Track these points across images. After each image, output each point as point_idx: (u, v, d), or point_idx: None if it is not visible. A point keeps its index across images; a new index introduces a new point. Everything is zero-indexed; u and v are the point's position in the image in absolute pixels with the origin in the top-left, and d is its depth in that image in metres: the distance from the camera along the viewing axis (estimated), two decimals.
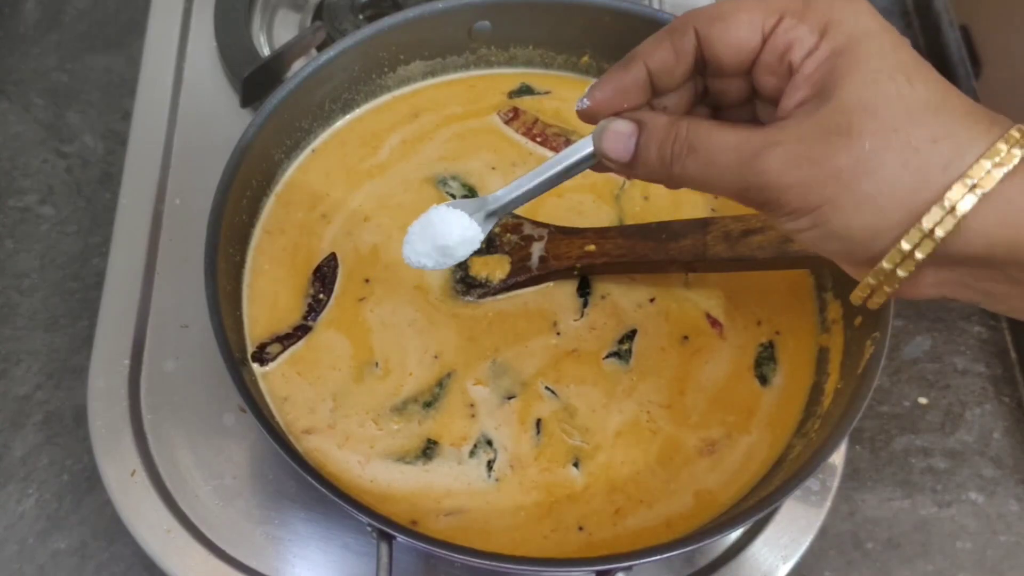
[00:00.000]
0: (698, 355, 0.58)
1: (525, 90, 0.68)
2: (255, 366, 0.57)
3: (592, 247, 0.59)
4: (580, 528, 0.53)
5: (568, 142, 0.65)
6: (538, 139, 0.66)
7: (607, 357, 0.58)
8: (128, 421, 0.61)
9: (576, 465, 0.55)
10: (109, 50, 0.82)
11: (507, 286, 0.59)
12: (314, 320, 0.58)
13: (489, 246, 0.60)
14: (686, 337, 0.59)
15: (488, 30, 0.66)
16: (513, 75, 0.69)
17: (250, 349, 0.57)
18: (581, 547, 0.52)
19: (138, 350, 0.63)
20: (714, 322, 0.59)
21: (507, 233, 0.61)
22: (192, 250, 0.55)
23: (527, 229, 0.61)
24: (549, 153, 0.65)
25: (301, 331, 0.58)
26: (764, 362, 0.58)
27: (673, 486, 0.54)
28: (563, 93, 0.68)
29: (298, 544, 0.58)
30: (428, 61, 0.67)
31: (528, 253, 0.60)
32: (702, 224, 0.56)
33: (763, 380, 0.58)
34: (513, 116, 0.67)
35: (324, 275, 0.60)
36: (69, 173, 0.76)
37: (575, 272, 0.59)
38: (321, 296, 0.59)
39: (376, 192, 0.64)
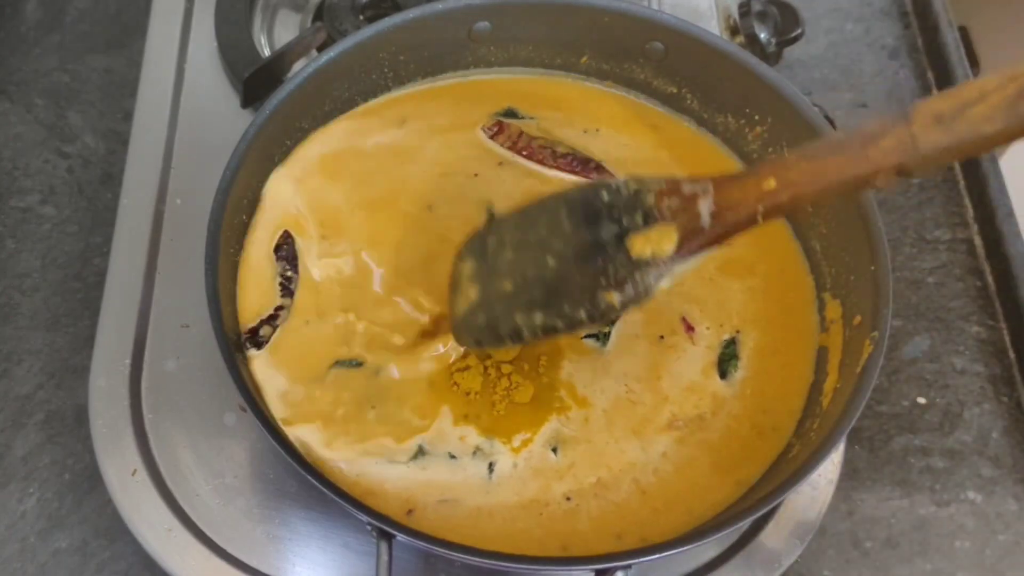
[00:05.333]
0: (671, 351, 0.60)
1: (510, 113, 0.68)
2: (253, 352, 0.57)
3: (772, 182, 0.47)
4: (568, 499, 0.55)
5: (555, 153, 0.65)
6: (524, 152, 0.66)
7: (585, 337, 0.59)
8: (129, 420, 0.61)
9: (555, 451, 0.56)
10: (110, 50, 0.82)
11: (682, 258, 0.48)
12: (290, 297, 0.59)
13: (646, 219, 0.49)
14: (661, 336, 0.60)
15: (488, 31, 0.66)
16: (507, 85, 0.69)
17: (243, 337, 0.58)
18: (567, 515, 0.54)
19: (139, 350, 0.64)
20: (688, 327, 0.60)
21: (664, 198, 0.49)
22: (193, 250, 0.55)
23: (686, 188, 0.49)
24: (535, 166, 0.65)
25: (280, 309, 0.59)
26: (727, 359, 0.59)
27: (645, 456, 0.56)
28: (548, 118, 0.68)
29: (299, 543, 0.58)
30: (428, 62, 0.67)
31: (696, 213, 0.48)
32: (902, 116, 0.44)
33: (723, 375, 0.59)
34: (497, 131, 0.67)
35: (284, 253, 0.61)
36: (70, 173, 0.76)
37: (759, 220, 0.48)
38: (289, 273, 0.60)
39: (357, 199, 0.64)
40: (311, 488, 0.55)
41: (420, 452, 0.55)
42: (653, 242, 0.49)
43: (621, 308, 0.49)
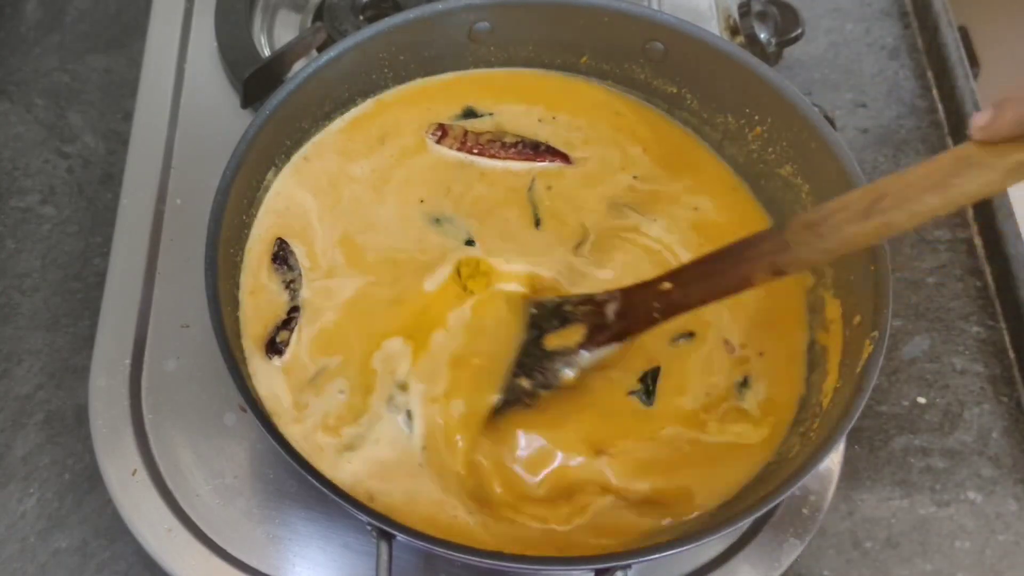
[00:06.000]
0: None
1: (469, 113, 0.68)
2: (274, 359, 0.57)
3: (668, 285, 0.56)
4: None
5: (504, 144, 0.66)
6: (475, 151, 0.66)
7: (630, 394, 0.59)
8: (129, 420, 0.61)
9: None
10: (110, 50, 0.82)
11: (588, 350, 0.57)
12: (297, 299, 0.59)
13: (561, 322, 0.59)
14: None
15: (488, 30, 0.66)
16: (470, 82, 0.69)
17: (256, 349, 0.57)
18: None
19: (139, 350, 0.64)
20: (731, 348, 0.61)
21: (579, 307, 0.59)
22: (193, 250, 0.55)
23: (599, 297, 0.58)
24: (486, 162, 0.65)
25: (295, 311, 0.59)
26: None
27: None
28: (506, 111, 0.68)
29: (299, 543, 0.58)
30: (428, 62, 0.67)
31: (604, 314, 0.58)
32: (778, 228, 0.53)
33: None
34: (442, 134, 0.66)
35: (283, 259, 0.60)
36: (70, 173, 0.76)
37: (656, 316, 0.56)
38: (292, 283, 0.60)
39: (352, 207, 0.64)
40: (311, 488, 0.55)
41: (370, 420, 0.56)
42: (563, 338, 0.58)
43: (532, 391, 0.57)
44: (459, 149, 0.66)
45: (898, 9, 0.87)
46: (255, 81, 0.71)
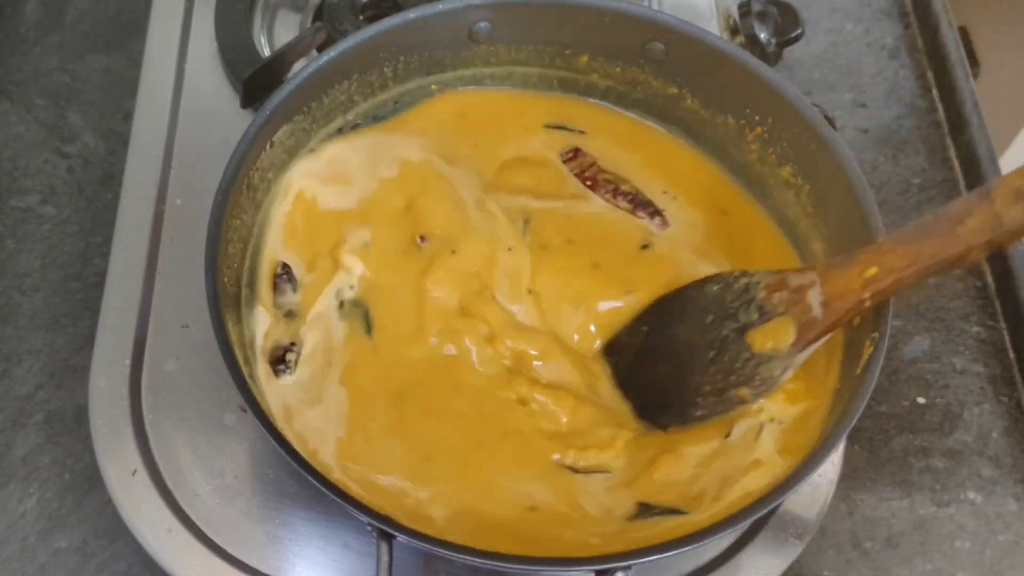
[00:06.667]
0: None
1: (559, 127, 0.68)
2: (285, 378, 0.57)
3: (873, 269, 0.50)
4: None
5: (617, 191, 0.65)
6: (588, 182, 0.65)
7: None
8: (129, 420, 0.61)
9: None
10: (110, 50, 0.82)
11: (799, 349, 0.52)
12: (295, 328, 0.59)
13: (761, 315, 0.53)
14: None
15: (488, 31, 0.66)
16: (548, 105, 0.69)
17: (262, 364, 0.57)
18: None
19: (139, 350, 0.63)
20: None
21: (774, 293, 0.53)
22: (193, 250, 0.55)
23: (793, 281, 0.53)
24: (590, 195, 0.65)
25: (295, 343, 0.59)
26: None
27: None
28: (598, 134, 0.68)
29: (299, 543, 0.58)
30: (428, 62, 0.67)
31: (808, 305, 0.52)
32: (984, 194, 0.48)
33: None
34: (572, 156, 0.67)
35: (285, 279, 0.61)
36: (70, 173, 0.76)
37: (866, 306, 0.51)
38: (291, 310, 0.60)
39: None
40: (311, 488, 0.55)
41: None
42: (772, 336, 0.52)
43: (752, 400, 0.53)
44: (577, 174, 0.66)
45: (898, 9, 0.87)
46: (255, 81, 0.71)
